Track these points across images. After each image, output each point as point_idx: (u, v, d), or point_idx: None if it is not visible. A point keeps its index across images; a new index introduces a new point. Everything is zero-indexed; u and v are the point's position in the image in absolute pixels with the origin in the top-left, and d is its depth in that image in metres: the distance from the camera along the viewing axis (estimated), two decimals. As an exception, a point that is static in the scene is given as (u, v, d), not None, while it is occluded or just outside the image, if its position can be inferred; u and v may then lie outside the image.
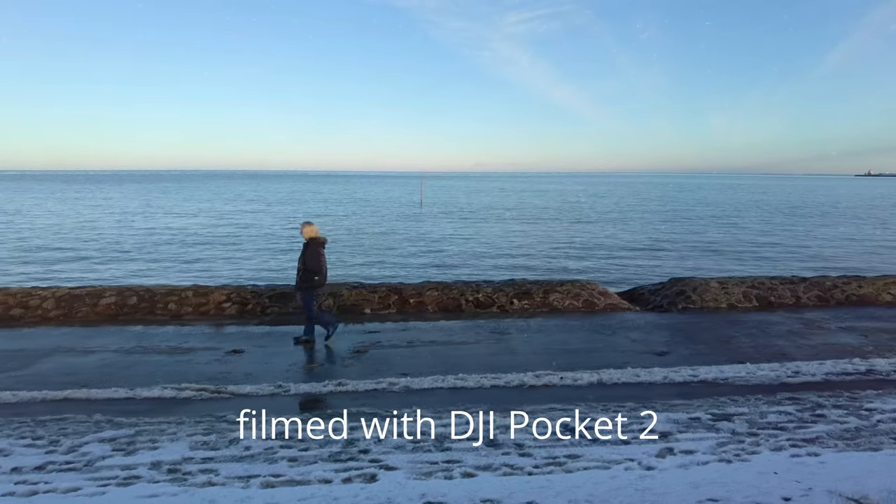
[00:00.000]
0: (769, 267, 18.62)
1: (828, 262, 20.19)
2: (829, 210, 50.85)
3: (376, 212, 43.01)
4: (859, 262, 20.37)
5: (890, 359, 7.63)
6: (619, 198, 69.52)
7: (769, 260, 20.98)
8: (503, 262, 19.08)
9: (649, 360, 7.63)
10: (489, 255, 20.57)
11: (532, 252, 21.65)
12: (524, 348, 8.11)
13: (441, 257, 19.97)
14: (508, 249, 22.50)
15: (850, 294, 11.21)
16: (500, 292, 10.48)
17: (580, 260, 19.85)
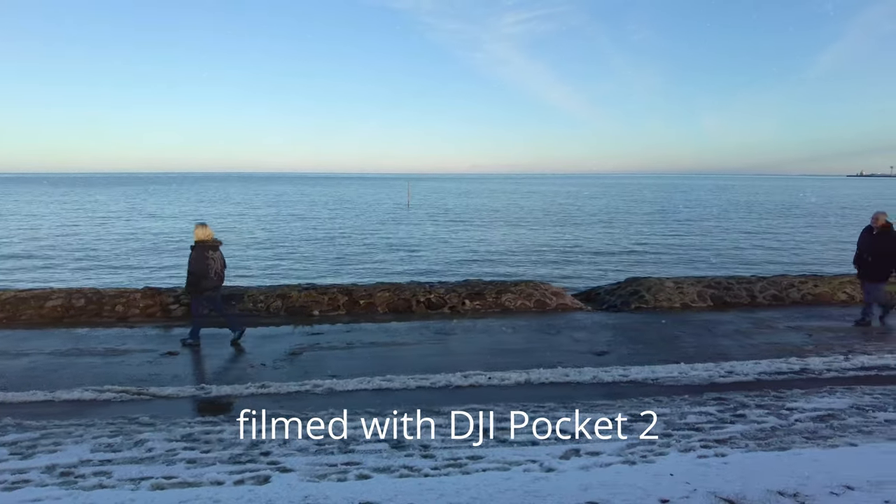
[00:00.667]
0: (742, 268, 18.59)
1: (802, 262, 20.19)
2: (815, 211, 50.96)
3: (361, 214, 42.89)
4: (832, 261, 20.38)
5: (826, 357, 7.59)
6: (608, 199, 69.62)
7: (743, 260, 20.96)
8: (474, 264, 19.00)
9: (586, 359, 7.56)
10: (462, 257, 20.49)
11: (506, 254, 21.59)
12: (464, 349, 8.04)
13: (412, 259, 19.88)
14: (483, 251, 22.43)
15: (805, 293, 11.18)
16: (453, 293, 10.41)
17: (552, 262, 19.80)
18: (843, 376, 6.96)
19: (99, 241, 25.03)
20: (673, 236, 28.60)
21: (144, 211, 43.05)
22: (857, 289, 11.36)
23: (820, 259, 21.51)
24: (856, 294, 11.26)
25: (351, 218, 38.96)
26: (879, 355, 7.70)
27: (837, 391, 6.41)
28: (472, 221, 36.27)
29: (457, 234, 28.32)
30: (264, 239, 25.27)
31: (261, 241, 24.54)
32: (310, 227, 30.16)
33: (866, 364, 7.36)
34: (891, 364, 7.37)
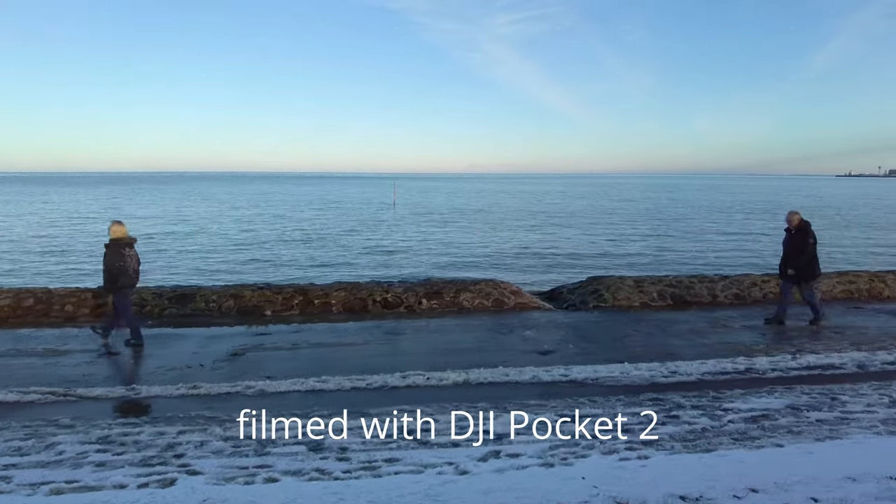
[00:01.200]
0: (709, 268, 18.55)
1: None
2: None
3: (344, 214, 42.68)
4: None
5: (774, 357, 7.53)
6: (595, 199, 69.68)
7: (715, 259, 20.95)
8: (448, 264, 18.90)
9: (531, 359, 7.46)
10: (435, 257, 20.37)
11: (480, 254, 21.48)
12: (412, 349, 7.92)
13: (383, 259, 19.75)
14: (457, 251, 22.32)
15: (767, 292, 11.14)
16: (411, 292, 10.29)
17: (526, 261, 19.71)
18: (787, 376, 6.90)
19: (69, 242, 24.73)
20: (652, 236, 28.59)
21: (124, 211, 42.64)
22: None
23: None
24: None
25: (332, 218, 38.72)
26: (827, 354, 7.64)
27: (777, 391, 6.33)
28: (453, 221, 36.16)
29: (435, 234, 28.21)
30: (237, 239, 25.03)
31: (233, 241, 24.29)
32: (287, 228, 29.94)
33: (812, 363, 7.30)
34: (836, 363, 7.31)
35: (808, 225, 9.08)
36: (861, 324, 9.35)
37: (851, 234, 30.84)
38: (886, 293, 11.51)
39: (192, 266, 17.88)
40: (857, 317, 9.87)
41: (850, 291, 11.45)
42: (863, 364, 7.28)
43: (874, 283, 11.71)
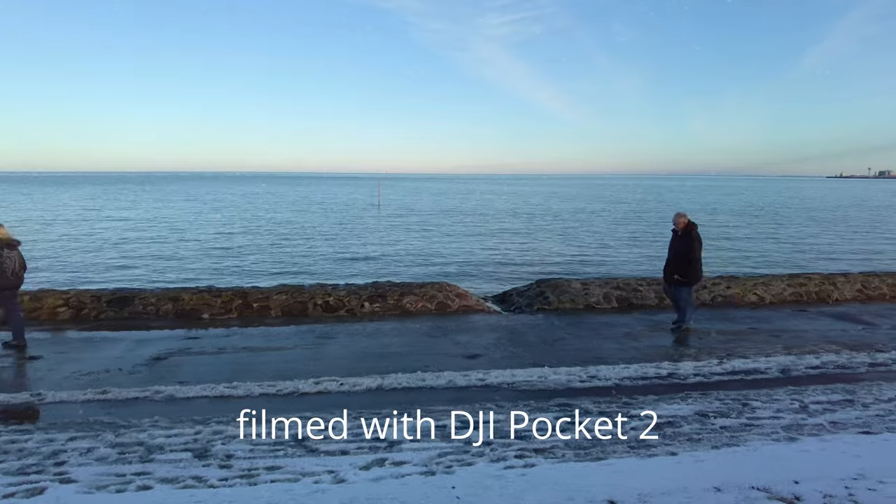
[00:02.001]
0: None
1: (748, 263, 20.20)
2: (782, 211, 51.34)
3: (325, 214, 42.49)
4: (780, 261, 20.44)
5: (700, 362, 7.50)
6: (580, 201, 69.69)
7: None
8: (415, 265, 18.81)
9: (455, 363, 7.39)
10: (405, 258, 20.27)
11: (448, 255, 21.41)
12: (337, 353, 7.82)
13: (351, 261, 19.64)
14: (428, 252, 22.23)
15: (716, 295, 11.12)
16: (354, 295, 10.21)
17: (495, 262, 19.64)
18: (708, 381, 6.86)
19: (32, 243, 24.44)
20: (628, 238, 28.59)
21: (102, 212, 42.26)
22: (767, 290, 11.34)
23: (766, 260, 21.55)
24: (765, 295, 11.23)
25: (311, 219, 38.48)
26: (755, 359, 7.61)
27: (692, 397, 6.29)
28: (433, 222, 36.04)
29: (412, 236, 28.11)
30: (204, 241, 24.84)
31: (199, 244, 24.08)
32: (262, 230, 29.75)
33: (737, 368, 7.27)
34: (761, 367, 7.28)
35: (694, 227, 8.88)
36: (800, 327, 9.33)
37: (829, 233, 30.94)
38: (835, 296, 11.51)
39: (150, 268, 17.71)
40: (800, 320, 9.85)
41: (799, 294, 11.45)
42: (786, 369, 7.25)
43: (824, 285, 11.71)
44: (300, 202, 57.86)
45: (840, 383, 6.73)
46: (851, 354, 7.84)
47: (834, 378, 6.96)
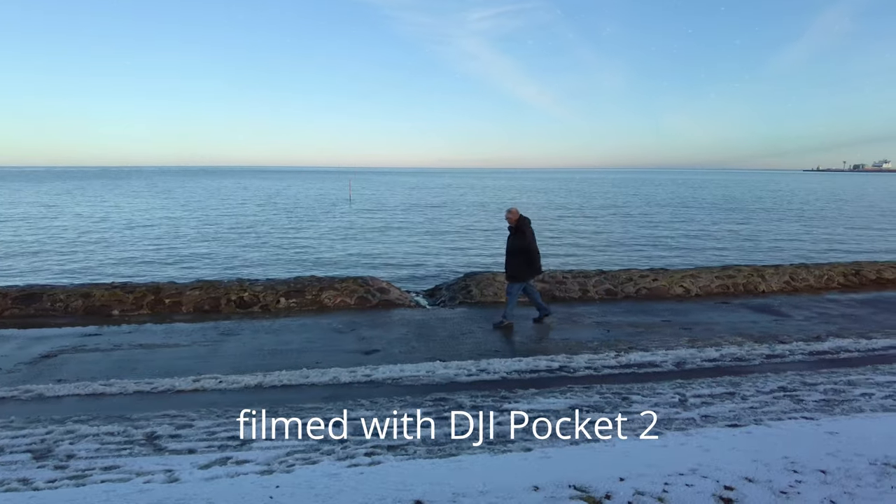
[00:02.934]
0: (634, 260, 18.57)
1: (705, 256, 20.29)
2: (747, 205, 51.79)
3: (292, 209, 42.07)
4: (736, 255, 20.55)
5: (598, 355, 7.44)
6: (554, 195, 69.84)
7: (646, 252, 21.00)
8: (364, 261, 18.64)
9: (351, 358, 7.27)
10: (353, 255, 20.09)
11: (402, 249, 21.26)
12: (232, 351, 7.65)
13: (297, 257, 19.40)
14: (384, 247, 22.06)
15: (641, 287, 11.09)
16: (270, 290, 10.03)
17: (445, 255, 19.53)
18: (597, 374, 6.80)
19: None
20: (589, 233, 28.63)
21: (65, 209, 41.48)
22: (694, 282, 11.35)
23: (723, 252, 21.67)
24: (692, 288, 11.24)
25: (274, 214, 38.04)
26: (653, 352, 7.57)
27: (574, 390, 6.22)
28: (398, 217, 35.82)
29: (372, 231, 27.89)
30: (156, 237, 24.44)
31: (153, 239, 23.71)
32: (222, 225, 29.36)
33: (633, 361, 7.22)
34: (657, 360, 7.24)
35: (526, 222, 8.71)
36: (715, 320, 9.32)
37: (789, 227, 31.24)
38: (762, 288, 11.55)
39: (81, 264, 17.35)
40: (718, 312, 9.86)
41: (726, 286, 11.47)
42: (682, 362, 7.21)
43: (752, 277, 11.74)
44: (272, 196, 57.27)
45: (730, 376, 6.72)
46: (753, 346, 7.84)
47: (726, 371, 6.94)
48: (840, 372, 6.86)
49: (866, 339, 8.28)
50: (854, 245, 23.54)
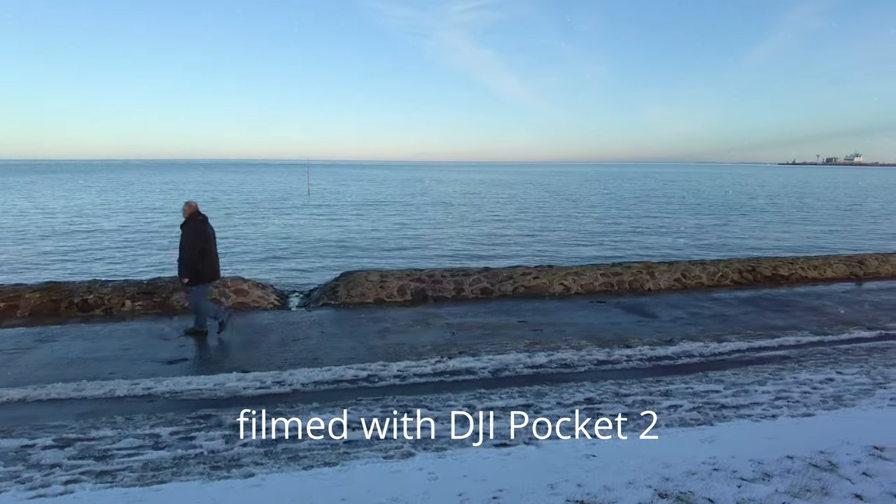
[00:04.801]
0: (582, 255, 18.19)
1: (648, 251, 20.00)
2: (711, 199, 51.85)
3: (245, 202, 41.22)
4: (675, 250, 20.29)
5: (419, 361, 7.01)
6: (526, 188, 69.54)
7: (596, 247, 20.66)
8: (280, 259, 18.08)
9: (150, 369, 6.76)
10: (271, 254, 19.49)
11: (327, 246, 20.72)
12: (32, 361, 7.04)
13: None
14: (310, 243, 21.49)
15: (519, 286, 10.70)
16: (118, 293, 9.47)
17: (383, 251, 19.04)
18: (402, 384, 6.39)
19: None
20: (528, 229, 28.28)
21: (30, 202, 40.20)
22: (577, 280, 10.98)
23: (652, 247, 21.41)
24: (573, 286, 10.87)
25: (217, 209, 37.09)
26: (479, 357, 7.17)
27: (360, 404, 5.80)
28: (348, 212, 35.19)
29: (308, 226, 27.25)
30: (90, 231, 23.62)
31: (88, 234, 22.86)
32: (154, 222, 28.53)
33: (450, 368, 6.82)
34: (476, 367, 6.83)
35: (198, 218, 7.90)
36: (574, 321, 8.96)
37: (742, 221, 31.16)
38: (648, 286, 11.22)
39: None
40: (585, 312, 9.51)
41: (610, 284, 11.12)
42: (502, 368, 6.82)
43: (640, 275, 11.41)
44: (231, 190, 56.21)
45: (543, 385, 6.33)
46: (591, 351, 7.48)
47: (544, 379, 6.56)
48: (665, 380, 6.51)
49: (718, 342, 7.95)
50: (781, 241, 23.37)
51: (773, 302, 10.31)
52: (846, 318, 9.19)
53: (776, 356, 7.39)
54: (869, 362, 7.11)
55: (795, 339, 8.08)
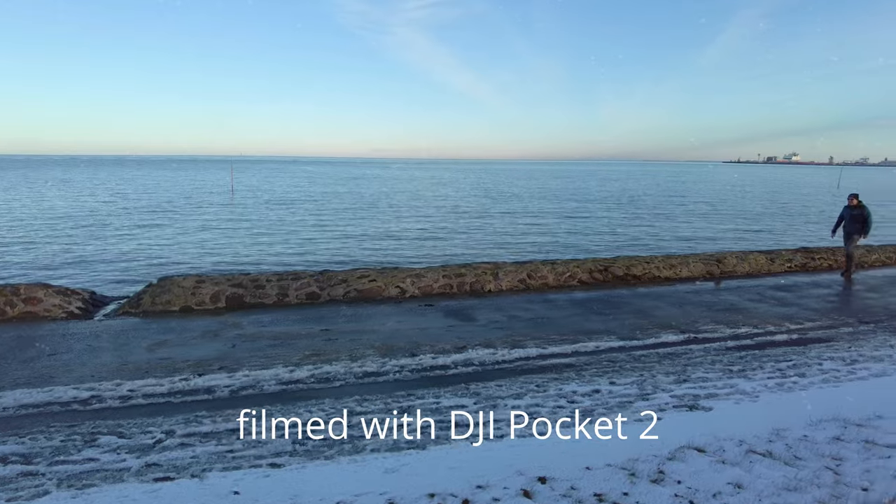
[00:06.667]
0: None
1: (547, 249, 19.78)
2: (640, 198, 52.60)
3: (162, 201, 39.58)
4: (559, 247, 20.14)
5: (171, 378, 6.34)
6: (463, 186, 69.31)
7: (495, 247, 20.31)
8: (164, 263, 17.11)
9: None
10: (151, 258, 18.49)
11: (223, 251, 19.81)
12: None
13: (86, 256, 17.66)
14: (200, 245, 20.53)
15: (352, 289, 10.16)
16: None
17: (292, 254, 18.23)
18: (121, 406, 5.73)
19: None
20: (430, 227, 27.89)
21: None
22: (416, 282, 10.53)
23: (548, 244, 21.25)
24: (410, 288, 10.40)
25: (120, 208, 35.50)
26: (233, 374, 6.55)
27: (52, 429, 5.10)
28: (256, 213, 34.13)
29: (202, 229, 26.17)
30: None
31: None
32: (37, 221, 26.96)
33: (190, 388, 6.19)
34: (219, 385, 6.22)
35: None
36: (385, 327, 8.46)
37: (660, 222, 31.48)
38: (489, 287, 10.83)
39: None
40: (402, 317, 9.03)
41: (450, 286, 10.70)
42: (244, 387, 6.22)
43: (484, 276, 11.01)
44: (150, 187, 54.06)
45: (271, 405, 5.75)
46: (366, 362, 6.97)
47: (284, 397, 6.00)
48: (418, 394, 6.07)
49: (512, 348, 7.58)
50: (660, 239, 23.55)
51: (605, 304, 10.04)
52: (665, 321, 8.97)
53: (560, 364, 7.03)
54: (653, 370, 6.82)
55: (595, 345, 7.76)
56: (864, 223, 12.68)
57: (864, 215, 12.70)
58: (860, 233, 12.76)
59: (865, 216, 12.69)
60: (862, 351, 7.63)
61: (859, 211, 12.74)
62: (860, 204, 12.76)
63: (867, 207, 12.80)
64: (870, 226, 12.70)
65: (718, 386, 6.31)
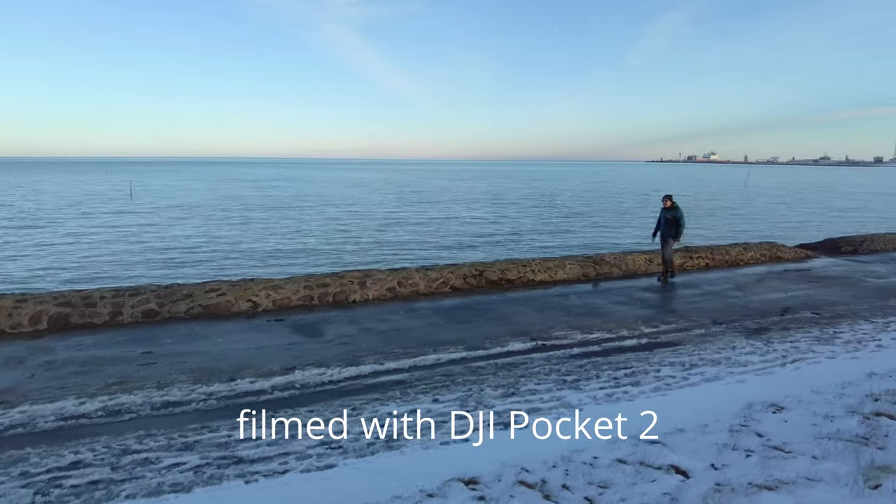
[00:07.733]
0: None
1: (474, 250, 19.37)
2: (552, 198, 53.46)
3: (53, 206, 36.90)
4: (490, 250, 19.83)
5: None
6: (392, 187, 68.54)
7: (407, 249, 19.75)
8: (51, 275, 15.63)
9: None
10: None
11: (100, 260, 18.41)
12: None
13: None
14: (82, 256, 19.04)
15: (196, 305, 9.40)
16: None
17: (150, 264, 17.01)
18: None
19: None
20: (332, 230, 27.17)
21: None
22: (271, 294, 9.86)
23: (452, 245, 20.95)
24: (263, 302, 9.73)
25: (26, 210, 33.06)
26: (7, 412, 5.74)
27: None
28: (135, 220, 32.35)
29: (90, 234, 24.45)
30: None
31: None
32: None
33: (49, 413, 5.36)
34: (80, 411, 5.42)
35: None
36: (216, 348, 7.76)
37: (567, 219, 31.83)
38: (354, 297, 10.31)
39: None
40: (248, 333, 8.39)
41: (311, 297, 10.11)
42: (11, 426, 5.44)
43: (350, 285, 10.48)
44: (45, 193, 50.45)
45: (35, 447, 5.01)
46: (172, 389, 6.30)
47: (66, 435, 5.27)
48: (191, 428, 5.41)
49: (347, 366, 7.08)
50: (545, 242, 23.81)
51: (469, 311, 9.72)
52: (521, 328, 8.70)
53: (391, 381, 6.60)
54: (484, 383, 6.50)
55: (436, 358, 7.38)
56: (677, 226, 12.01)
57: (677, 217, 12.00)
58: (675, 236, 12.10)
59: (678, 218, 11.99)
60: (703, 354, 7.58)
61: (672, 213, 12.03)
62: (674, 205, 12.03)
63: (680, 209, 12.08)
64: (683, 227, 12.01)
65: (545, 399, 6.06)
